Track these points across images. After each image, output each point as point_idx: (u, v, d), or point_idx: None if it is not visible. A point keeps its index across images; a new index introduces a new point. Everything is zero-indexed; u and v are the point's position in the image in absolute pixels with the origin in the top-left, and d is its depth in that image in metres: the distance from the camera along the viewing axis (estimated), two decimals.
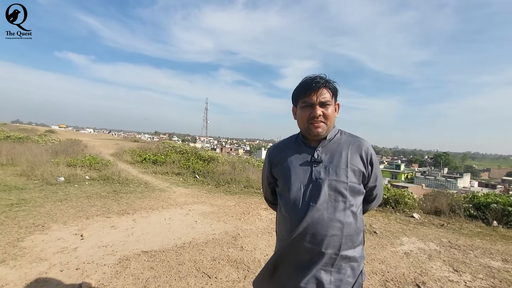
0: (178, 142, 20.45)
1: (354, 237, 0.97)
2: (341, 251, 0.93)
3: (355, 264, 0.97)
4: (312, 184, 0.96)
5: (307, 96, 0.99)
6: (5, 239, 2.77)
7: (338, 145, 1.02)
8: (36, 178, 5.74)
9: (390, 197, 5.00)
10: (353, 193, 0.97)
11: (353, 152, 1.00)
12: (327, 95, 0.99)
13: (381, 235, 3.63)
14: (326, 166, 0.98)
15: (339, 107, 1.08)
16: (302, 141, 1.07)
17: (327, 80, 1.00)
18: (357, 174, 0.99)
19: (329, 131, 1.03)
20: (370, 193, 1.09)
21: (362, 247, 1.02)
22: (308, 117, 0.99)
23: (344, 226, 0.94)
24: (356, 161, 0.99)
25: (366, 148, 1.02)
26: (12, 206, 3.82)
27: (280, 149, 1.11)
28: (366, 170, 1.01)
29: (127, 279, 2.20)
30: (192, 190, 5.87)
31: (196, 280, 2.26)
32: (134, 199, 4.71)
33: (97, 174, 6.56)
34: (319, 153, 1.00)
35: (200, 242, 3.06)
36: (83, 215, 3.70)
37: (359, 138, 1.06)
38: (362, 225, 1.02)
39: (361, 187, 1.01)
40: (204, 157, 10.03)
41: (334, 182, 0.95)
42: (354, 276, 0.97)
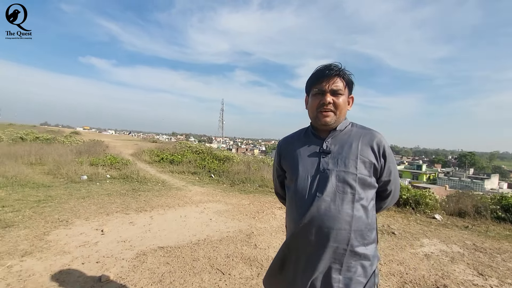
0: (195, 142, 20.83)
1: (365, 233, 0.92)
2: (349, 246, 0.89)
3: (366, 263, 0.93)
4: (319, 174, 0.94)
5: (319, 83, 0.97)
6: (32, 232, 2.95)
7: (349, 136, 0.99)
8: (61, 177, 6.05)
9: (409, 198, 4.81)
10: (363, 185, 0.93)
11: (364, 143, 0.97)
12: (340, 84, 0.97)
13: (400, 236, 3.50)
14: (334, 157, 0.95)
15: (353, 101, 1.05)
16: (311, 132, 1.05)
17: (341, 70, 0.97)
18: (368, 166, 0.95)
19: (338, 122, 1.00)
20: (384, 188, 1.04)
21: (375, 245, 0.97)
22: (318, 105, 0.98)
23: (353, 219, 0.90)
24: (367, 153, 0.95)
25: (379, 140, 0.98)
26: (39, 202, 4.05)
27: (290, 141, 1.10)
28: (378, 162, 0.97)
29: (143, 273, 2.26)
30: (208, 189, 5.95)
31: (210, 276, 2.29)
32: (152, 197, 4.85)
33: (117, 173, 6.81)
34: (328, 144, 0.98)
35: (214, 239, 3.10)
36: (104, 211, 3.85)
37: (371, 130, 1.02)
38: (375, 221, 0.98)
39: (372, 180, 0.96)
40: (219, 157, 10.14)
41: (343, 173, 0.92)
42: (366, 276, 0.92)
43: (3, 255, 2.40)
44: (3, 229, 2.98)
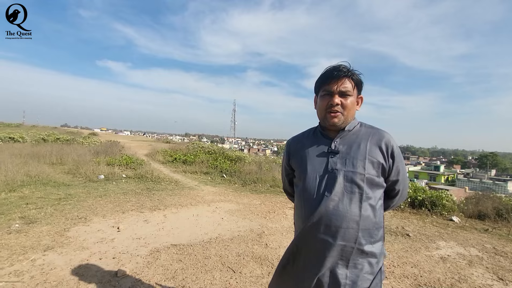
0: (207, 143, 21.09)
1: (373, 232, 0.94)
2: (357, 245, 0.91)
3: (373, 260, 0.94)
4: (327, 174, 0.95)
5: (328, 84, 0.99)
6: (54, 229, 3.09)
7: (357, 136, 1.00)
8: (80, 176, 6.30)
9: (425, 199, 4.68)
10: (371, 185, 0.94)
11: (373, 143, 0.97)
12: (348, 86, 0.98)
13: (414, 238, 3.41)
14: (343, 157, 0.96)
15: (362, 101, 1.06)
16: (320, 132, 1.06)
17: (350, 70, 0.98)
18: (376, 166, 0.95)
19: (347, 122, 1.01)
20: (392, 187, 1.05)
21: (382, 243, 0.99)
22: (326, 106, 0.99)
23: (361, 219, 0.91)
24: (375, 153, 0.96)
25: (387, 140, 0.98)
26: (60, 200, 4.24)
27: (298, 140, 1.12)
28: (386, 162, 0.97)
29: (157, 270, 2.33)
30: (219, 189, 6.02)
31: (221, 274, 2.33)
32: (165, 196, 4.96)
33: (133, 173, 7.01)
34: (336, 144, 0.99)
35: (226, 238, 3.14)
36: (120, 209, 3.99)
37: (380, 130, 1.02)
38: (382, 220, 0.99)
39: (380, 180, 0.97)
40: (231, 157, 10.22)
41: (350, 173, 0.93)
42: (373, 273, 0.94)
43: (27, 249, 2.54)
44: (27, 225, 3.15)
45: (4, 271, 2.16)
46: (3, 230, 2.96)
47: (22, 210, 3.67)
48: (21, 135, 13.93)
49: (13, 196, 4.33)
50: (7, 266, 2.24)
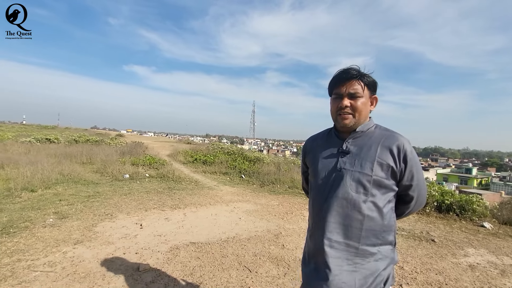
0: (227, 143, 21.38)
1: (379, 234, 0.94)
2: (361, 245, 0.92)
3: (379, 263, 0.94)
4: (335, 173, 0.97)
5: (337, 87, 1.01)
6: (83, 224, 3.31)
7: (370, 138, 1.00)
8: (107, 175, 6.66)
9: (453, 203, 4.42)
10: (378, 187, 0.94)
11: (384, 146, 0.97)
12: (357, 87, 0.98)
13: (440, 244, 3.25)
14: (352, 157, 0.97)
15: (376, 101, 1.06)
16: (334, 133, 1.08)
17: (359, 72, 0.99)
18: (385, 168, 0.95)
19: (359, 124, 1.01)
20: (406, 192, 1.02)
21: (391, 248, 0.98)
22: (337, 108, 1.01)
23: (365, 219, 0.92)
24: (385, 156, 0.95)
25: (400, 143, 0.96)
26: (89, 198, 4.51)
27: (314, 139, 1.15)
28: (397, 166, 0.96)
29: (176, 266, 2.42)
30: (238, 189, 6.09)
31: (238, 272, 2.37)
32: (185, 195, 5.11)
33: (155, 172, 7.29)
34: (347, 145, 1.01)
35: (243, 237, 3.18)
36: (143, 207, 4.17)
37: (394, 133, 1.00)
38: (393, 224, 0.98)
39: (390, 183, 0.96)
40: (250, 158, 10.29)
41: (357, 174, 0.94)
42: (380, 276, 0.93)
43: (59, 242, 2.74)
44: (60, 220, 3.39)
45: (40, 261, 2.35)
46: (39, 224, 3.21)
47: (55, 206, 3.95)
48: (56, 137, 14.97)
49: (48, 193, 4.67)
50: (42, 257, 2.43)
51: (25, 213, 3.54)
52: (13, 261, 2.33)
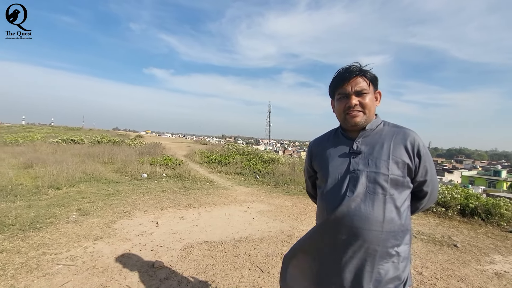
0: (242, 144, 21.50)
1: (398, 235, 0.90)
2: (381, 247, 0.88)
3: (398, 264, 0.90)
4: (349, 175, 0.93)
5: (342, 86, 0.98)
6: (103, 221, 3.45)
7: (380, 136, 0.97)
8: (127, 174, 6.91)
9: (478, 206, 4.18)
10: (395, 186, 0.90)
11: (397, 143, 0.93)
12: (363, 84, 0.96)
13: (463, 249, 3.08)
14: (365, 157, 0.94)
15: (380, 96, 1.03)
16: (341, 133, 1.05)
17: (362, 69, 0.97)
18: (401, 166, 0.91)
19: (368, 121, 0.99)
20: (420, 188, 0.99)
21: (408, 247, 0.94)
22: (344, 108, 0.98)
23: (385, 220, 0.88)
24: (400, 153, 0.92)
25: (413, 138, 0.94)
26: (109, 196, 4.70)
27: (320, 141, 1.12)
28: (412, 162, 0.93)
29: (189, 264, 2.46)
30: (252, 189, 6.11)
31: (250, 272, 2.37)
32: (200, 195, 5.19)
33: (172, 172, 7.47)
34: (358, 145, 0.97)
35: (256, 238, 3.18)
36: (159, 206, 4.28)
37: (404, 128, 0.98)
38: (408, 223, 0.94)
39: (406, 180, 0.93)
40: (264, 158, 10.29)
41: (373, 174, 0.90)
42: (399, 279, 0.90)
43: (81, 238, 2.88)
44: (82, 216, 3.56)
45: (62, 255, 2.48)
46: (63, 220, 3.39)
47: (78, 203, 4.15)
48: (80, 137, 15.74)
49: (72, 191, 4.92)
50: (65, 251, 2.56)
51: (50, 210, 3.75)
52: (38, 254, 2.47)
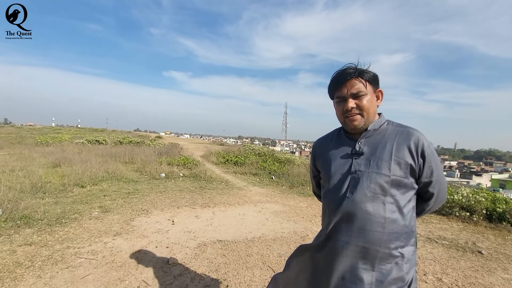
0: (259, 145, 21.54)
1: (402, 236, 0.88)
2: (382, 248, 0.86)
3: (402, 266, 0.88)
4: (350, 176, 0.93)
5: (338, 90, 0.97)
6: (122, 218, 3.60)
7: (383, 136, 0.95)
8: (146, 174, 7.16)
9: (507, 211, 3.92)
10: (398, 187, 0.89)
11: (400, 143, 0.92)
12: (359, 86, 0.94)
13: (489, 256, 2.91)
14: (367, 158, 0.93)
15: (382, 94, 1.01)
16: (344, 133, 1.04)
17: (358, 70, 0.95)
18: (404, 167, 0.89)
19: (369, 122, 0.97)
20: (425, 189, 0.96)
21: (413, 249, 0.91)
22: (343, 111, 0.97)
23: (386, 221, 0.86)
24: (403, 153, 0.90)
25: (416, 138, 0.91)
26: (129, 194, 4.90)
27: (323, 141, 1.11)
28: (416, 163, 0.90)
29: (203, 262, 2.51)
30: (267, 190, 6.11)
31: (261, 272, 2.38)
32: (215, 195, 5.27)
33: (189, 172, 7.64)
34: (360, 145, 0.96)
35: (269, 238, 3.19)
36: (175, 205, 4.40)
37: (408, 128, 0.95)
38: (414, 225, 0.92)
39: (409, 182, 0.91)
40: (280, 159, 10.26)
41: (375, 175, 0.89)
42: (403, 280, 0.87)
43: (102, 233, 3.02)
44: (103, 213, 3.73)
45: (84, 249, 2.62)
46: (86, 216, 3.57)
47: (100, 200, 4.36)
48: (104, 138, 16.50)
49: (95, 189, 5.18)
50: (87, 245, 2.70)
51: (75, 206, 3.97)
52: (63, 247, 2.63)
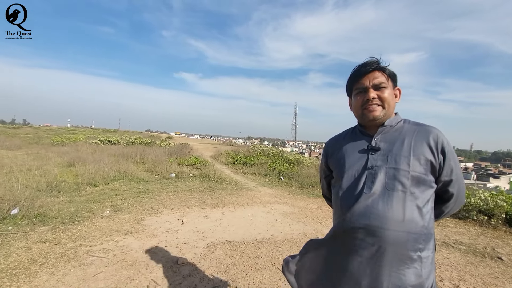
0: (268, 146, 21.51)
1: (421, 238, 0.83)
2: (400, 249, 0.81)
3: (422, 271, 0.82)
4: (367, 172, 0.89)
5: (359, 82, 0.94)
6: (133, 217, 3.65)
7: (400, 133, 0.91)
8: (156, 173, 7.25)
9: None
10: (417, 183, 0.84)
11: (418, 139, 0.88)
12: (381, 78, 0.92)
13: (509, 263, 2.77)
14: (384, 154, 0.89)
15: (400, 93, 0.98)
16: (359, 130, 1.00)
17: (379, 63, 0.93)
18: (423, 162, 0.85)
19: (387, 117, 0.94)
20: (445, 189, 0.92)
21: (432, 254, 0.86)
22: (362, 102, 0.94)
23: (405, 220, 0.81)
24: (422, 149, 0.86)
25: (436, 135, 0.88)
26: (140, 194, 4.96)
27: (336, 140, 1.08)
28: (436, 159, 0.86)
29: (211, 262, 2.51)
30: (276, 191, 6.07)
31: (271, 274, 2.35)
32: (225, 195, 5.28)
33: (198, 172, 7.68)
34: (377, 141, 0.92)
35: (278, 239, 3.15)
36: (185, 204, 4.43)
37: (426, 125, 0.92)
38: (432, 226, 0.87)
39: (429, 178, 0.86)
40: (289, 160, 10.19)
41: (393, 170, 0.85)
42: (421, 287, 0.82)
43: (113, 232, 3.07)
44: (115, 212, 3.79)
45: (96, 248, 2.66)
46: (98, 214, 3.64)
47: (112, 199, 4.44)
48: (116, 139, 16.85)
49: (107, 188, 5.27)
50: (98, 244, 2.75)
51: (88, 205, 4.05)
52: (76, 245, 2.68)
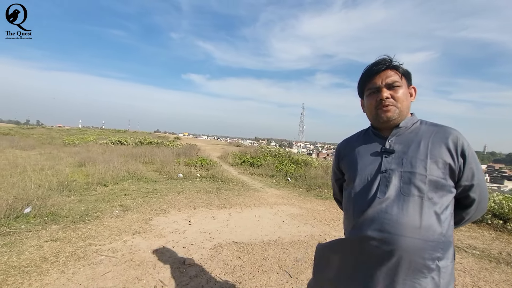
0: (275, 146, 21.45)
1: (439, 246, 0.78)
2: (416, 258, 0.76)
3: (440, 281, 0.78)
4: (380, 175, 0.85)
5: (371, 81, 0.91)
6: (141, 217, 3.68)
7: (416, 134, 0.87)
8: (164, 174, 7.31)
9: None
10: (435, 188, 0.80)
11: (436, 141, 0.83)
12: (395, 76, 0.88)
13: None
14: (399, 156, 0.85)
15: (415, 91, 0.94)
16: (372, 131, 0.97)
17: (392, 62, 0.89)
18: (442, 166, 0.81)
19: (402, 117, 0.90)
20: (465, 194, 0.86)
21: (452, 264, 0.81)
22: (376, 103, 0.90)
23: (422, 226, 0.77)
24: (440, 151, 0.82)
25: (455, 137, 0.83)
26: (148, 194, 5.01)
27: (348, 142, 1.05)
28: (455, 162, 0.82)
29: (218, 263, 2.50)
30: (283, 192, 6.04)
31: (278, 276, 2.33)
32: (232, 196, 5.28)
33: (206, 173, 7.72)
34: (391, 143, 0.89)
35: (285, 241, 3.13)
36: (192, 205, 4.45)
37: (445, 126, 0.87)
38: (451, 234, 0.82)
39: (448, 183, 0.81)
40: (297, 161, 10.12)
41: (408, 174, 0.81)
42: None
43: (121, 232, 3.10)
44: (124, 212, 3.84)
45: (105, 247, 2.69)
46: (107, 214, 3.69)
47: (121, 199, 4.50)
48: (126, 139, 17.11)
49: (116, 188, 5.35)
50: (107, 243, 2.78)
51: (98, 204, 4.12)
52: (85, 244, 2.72)
